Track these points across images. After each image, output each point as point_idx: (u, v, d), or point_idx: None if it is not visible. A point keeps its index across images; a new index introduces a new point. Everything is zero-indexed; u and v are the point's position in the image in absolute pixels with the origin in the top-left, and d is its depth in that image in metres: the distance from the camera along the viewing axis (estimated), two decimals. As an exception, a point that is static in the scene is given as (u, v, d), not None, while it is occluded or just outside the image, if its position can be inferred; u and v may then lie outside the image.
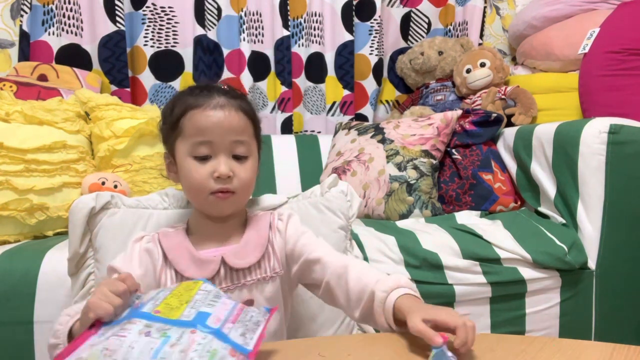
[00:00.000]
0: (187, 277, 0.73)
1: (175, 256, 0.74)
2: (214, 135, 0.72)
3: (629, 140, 1.18)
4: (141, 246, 0.75)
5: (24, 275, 1.01)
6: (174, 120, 0.75)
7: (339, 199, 0.99)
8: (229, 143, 0.73)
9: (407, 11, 2.11)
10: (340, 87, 2.02)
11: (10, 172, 1.21)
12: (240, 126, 0.75)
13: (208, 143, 0.73)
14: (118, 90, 1.77)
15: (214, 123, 0.72)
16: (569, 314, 1.20)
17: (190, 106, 0.74)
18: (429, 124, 1.54)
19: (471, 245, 1.17)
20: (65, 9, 1.74)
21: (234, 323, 0.53)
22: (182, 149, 0.75)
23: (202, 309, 0.53)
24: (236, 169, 0.74)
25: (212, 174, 0.73)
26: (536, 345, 0.57)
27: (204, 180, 0.73)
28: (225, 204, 0.75)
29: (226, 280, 0.74)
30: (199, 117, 0.73)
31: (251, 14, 1.94)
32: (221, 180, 0.73)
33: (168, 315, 0.52)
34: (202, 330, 0.50)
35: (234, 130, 0.74)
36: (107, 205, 0.88)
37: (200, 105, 0.73)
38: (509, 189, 1.51)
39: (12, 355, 1.00)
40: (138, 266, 0.73)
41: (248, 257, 0.76)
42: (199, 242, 0.76)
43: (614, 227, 1.19)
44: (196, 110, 0.73)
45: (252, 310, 0.57)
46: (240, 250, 0.76)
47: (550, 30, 1.86)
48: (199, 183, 0.73)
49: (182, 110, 0.74)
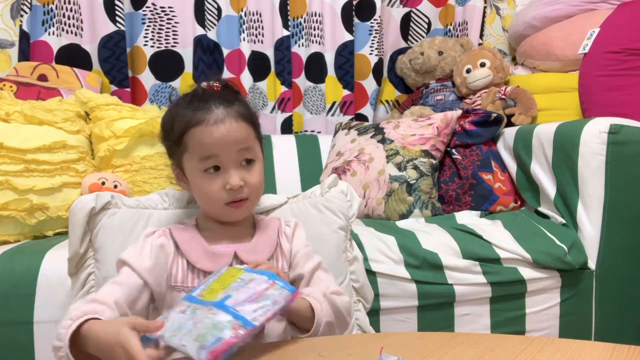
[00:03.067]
0: (199, 268, 0.75)
1: (188, 248, 0.77)
2: (220, 150, 0.74)
3: (629, 140, 1.18)
4: (153, 241, 0.77)
5: (24, 275, 1.01)
6: (176, 137, 0.77)
7: (339, 199, 0.99)
8: (235, 153, 0.75)
9: (407, 11, 2.11)
10: (340, 87, 2.02)
11: (10, 172, 1.21)
12: (243, 135, 0.76)
13: (215, 157, 0.75)
14: (118, 90, 1.77)
15: (218, 138, 0.74)
16: (569, 314, 1.20)
17: (191, 123, 0.75)
18: (429, 124, 1.54)
19: (471, 245, 1.17)
20: (65, 9, 1.74)
21: (250, 302, 0.59)
22: (190, 165, 0.77)
23: (229, 293, 0.61)
24: (246, 176, 0.76)
25: (224, 187, 0.75)
26: (536, 345, 0.57)
27: (216, 194, 0.75)
28: (240, 211, 0.78)
29: None
30: (201, 134, 0.74)
31: (251, 14, 1.93)
32: (233, 192, 0.75)
33: (206, 298, 0.61)
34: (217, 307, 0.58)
35: (238, 140, 0.75)
36: (107, 206, 0.88)
37: (200, 122, 0.74)
38: (509, 189, 1.51)
39: (12, 355, 1.00)
40: (148, 257, 0.74)
41: (259, 253, 0.79)
42: (210, 239, 0.79)
43: (614, 227, 1.19)
44: (197, 127, 0.74)
45: (275, 289, 0.62)
46: (252, 247, 0.79)
47: (550, 30, 1.86)
48: (212, 196, 0.76)
49: (183, 127, 0.75)
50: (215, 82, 0.79)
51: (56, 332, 0.61)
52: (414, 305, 1.13)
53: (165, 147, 0.82)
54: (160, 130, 0.82)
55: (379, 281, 1.10)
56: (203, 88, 0.78)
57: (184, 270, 0.76)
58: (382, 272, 1.11)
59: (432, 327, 1.14)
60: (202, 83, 0.79)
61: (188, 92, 0.80)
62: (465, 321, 1.15)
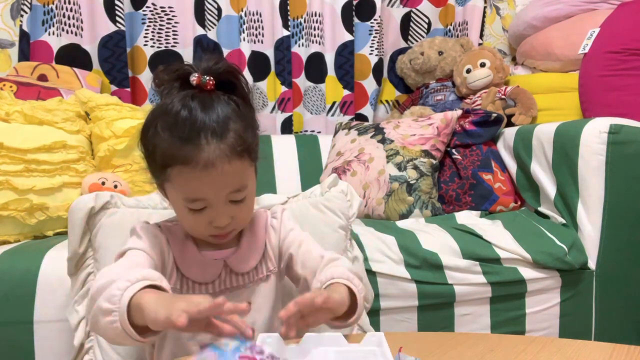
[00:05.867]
0: (189, 277, 0.73)
1: (178, 255, 0.73)
2: (208, 195, 0.66)
3: (629, 140, 1.18)
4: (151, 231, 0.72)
5: (24, 275, 1.01)
6: (159, 165, 0.66)
7: (339, 198, 0.99)
8: (225, 195, 0.67)
9: (407, 11, 2.11)
10: (340, 87, 2.02)
11: (10, 172, 1.21)
12: (236, 178, 0.66)
13: (202, 200, 0.66)
14: (118, 90, 1.77)
15: (207, 184, 0.64)
16: (569, 314, 1.20)
17: (177, 160, 0.64)
18: (429, 124, 1.54)
19: (471, 245, 1.17)
20: (65, 9, 1.74)
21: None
22: (173, 195, 0.69)
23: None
24: (235, 211, 0.69)
25: (210, 223, 0.68)
26: (536, 345, 0.57)
27: (201, 227, 0.69)
28: (225, 239, 0.73)
29: (226, 283, 0.75)
30: (189, 177, 0.64)
31: (251, 14, 1.93)
32: (220, 228, 0.69)
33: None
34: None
35: (230, 184, 0.66)
36: (106, 205, 0.88)
37: (188, 162, 0.63)
38: (509, 189, 1.51)
39: (12, 355, 1.00)
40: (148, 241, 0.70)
41: (249, 261, 0.76)
42: (199, 240, 0.76)
43: (614, 227, 1.19)
44: (184, 168, 0.63)
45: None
46: (241, 254, 0.76)
47: (550, 30, 1.86)
48: (196, 229, 0.70)
49: (168, 160, 0.65)
50: (209, 76, 0.66)
51: (105, 292, 0.55)
52: (414, 305, 1.13)
53: (143, 157, 0.71)
54: (139, 136, 0.71)
55: (379, 281, 1.10)
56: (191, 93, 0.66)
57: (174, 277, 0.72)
58: (382, 272, 1.11)
59: (432, 327, 1.14)
60: (193, 75, 0.66)
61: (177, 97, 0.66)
62: (465, 321, 1.15)
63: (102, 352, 0.86)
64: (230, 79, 0.69)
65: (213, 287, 0.74)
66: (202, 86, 0.66)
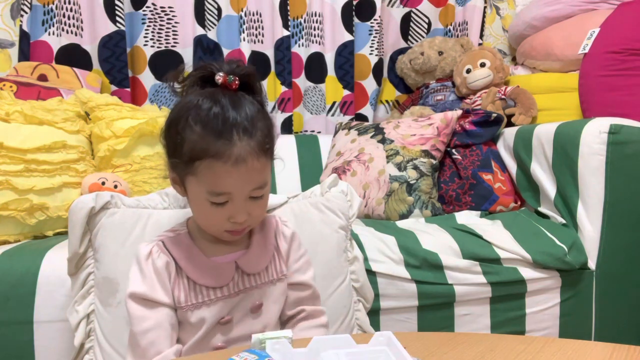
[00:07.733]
0: (201, 284, 0.73)
1: (187, 265, 0.73)
2: (234, 189, 0.68)
3: (629, 140, 1.18)
4: (155, 264, 0.72)
5: (24, 275, 1.01)
6: (187, 158, 0.68)
7: (339, 198, 0.99)
8: (249, 191, 0.70)
9: (407, 11, 2.11)
10: (340, 87, 2.02)
11: (10, 172, 1.21)
12: (261, 175, 0.70)
13: (227, 194, 0.68)
14: (118, 90, 1.77)
15: (236, 179, 0.67)
16: (569, 314, 1.20)
17: (209, 153, 0.66)
18: (429, 124, 1.54)
19: (471, 245, 1.17)
20: (65, 9, 1.74)
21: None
22: (195, 189, 0.70)
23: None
24: (252, 207, 0.71)
25: (228, 218, 0.70)
26: (536, 345, 0.57)
27: (219, 222, 0.71)
28: (239, 236, 0.75)
29: (238, 285, 0.75)
30: (218, 171, 0.66)
31: (251, 14, 1.93)
32: (237, 224, 0.71)
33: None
34: None
35: (255, 181, 0.69)
36: (106, 205, 0.88)
37: (220, 156, 0.65)
38: (509, 189, 1.51)
39: (12, 355, 1.00)
40: (164, 294, 0.71)
41: (259, 261, 0.77)
42: (206, 247, 0.76)
43: (614, 227, 1.19)
44: (216, 162, 0.66)
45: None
46: (252, 255, 0.77)
47: (550, 31, 1.86)
48: (213, 223, 0.72)
49: (199, 153, 0.66)
50: (235, 76, 0.69)
51: None
52: (414, 305, 1.13)
53: (164, 147, 0.73)
54: (165, 129, 0.72)
55: (379, 281, 1.10)
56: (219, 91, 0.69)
57: (186, 289, 0.73)
58: (382, 272, 1.11)
59: (432, 327, 1.14)
60: (218, 74, 0.69)
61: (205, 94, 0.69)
62: (465, 321, 1.15)
63: (102, 352, 0.86)
64: (251, 81, 0.73)
65: (228, 290, 0.74)
66: (228, 85, 0.69)
